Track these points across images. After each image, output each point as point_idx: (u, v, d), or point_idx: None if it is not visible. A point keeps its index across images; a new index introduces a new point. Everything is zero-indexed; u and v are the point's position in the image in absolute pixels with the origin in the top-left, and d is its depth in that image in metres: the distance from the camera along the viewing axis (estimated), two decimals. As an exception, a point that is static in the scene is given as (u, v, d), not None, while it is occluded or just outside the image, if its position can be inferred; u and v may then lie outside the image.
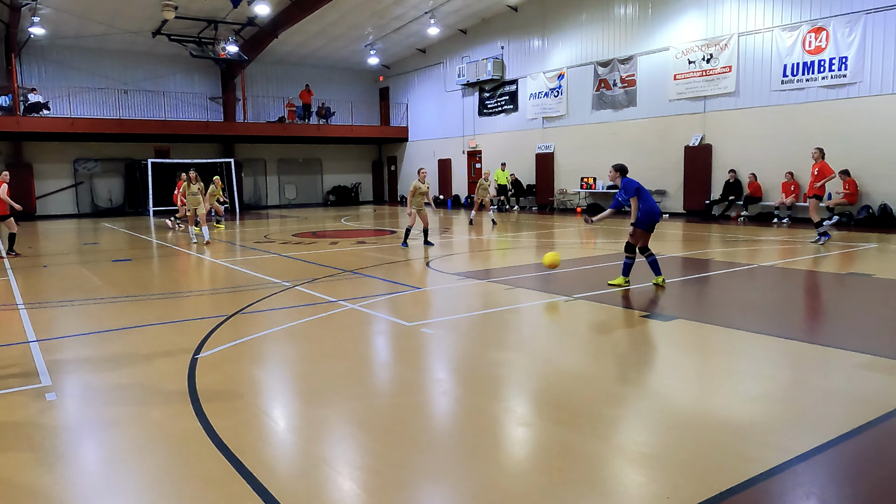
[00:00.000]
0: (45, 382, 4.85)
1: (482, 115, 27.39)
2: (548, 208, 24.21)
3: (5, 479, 3.33)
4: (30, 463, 3.53)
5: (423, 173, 12.81)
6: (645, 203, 8.27)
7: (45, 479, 3.35)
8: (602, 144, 22.21)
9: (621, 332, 6.23)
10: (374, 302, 7.66)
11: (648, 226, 8.27)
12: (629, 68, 21.10)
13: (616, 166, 8.55)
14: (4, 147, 25.15)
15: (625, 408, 4.21)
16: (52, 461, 3.57)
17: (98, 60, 26.51)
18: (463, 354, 5.63)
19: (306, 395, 4.64)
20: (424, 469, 3.37)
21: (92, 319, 7.14)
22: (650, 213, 8.25)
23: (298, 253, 12.49)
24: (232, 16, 23.49)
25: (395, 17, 25.00)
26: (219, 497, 3.10)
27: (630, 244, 8.36)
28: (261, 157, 31.01)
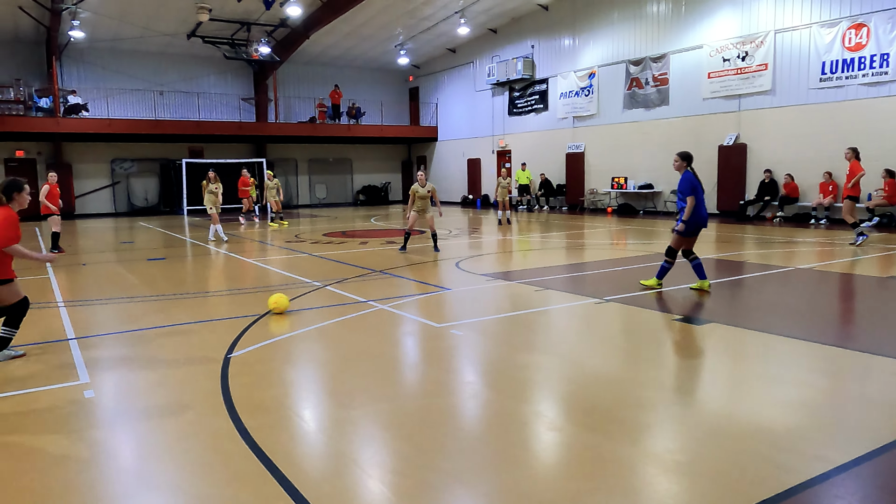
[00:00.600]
0: (84, 379, 4.97)
1: (512, 114, 27.28)
2: (578, 208, 24.02)
3: (43, 474, 3.42)
4: (67, 458, 3.62)
5: (421, 177, 12.26)
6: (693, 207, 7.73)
7: (82, 476, 3.42)
8: (633, 144, 21.96)
9: (653, 335, 6.15)
10: (404, 303, 7.68)
11: (693, 231, 7.85)
12: (662, 67, 20.82)
13: (681, 154, 7.97)
14: (45, 148, 25.83)
15: (657, 413, 4.15)
16: (89, 456, 3.65)
17: (134, 62, 27.07)
18: (492, 357, 5.61)
19: (336, 396, 4.67)
20: (452, 472, 3.37)
21: (128, 317, 7.30)
22: (698, 219, 7.79)
23: (328, 252, 12.59)
24: (265, 17, 23.78)
25: (425, 17, 25.04)
26: (250, 495, 3.14)
27: (672, 248, 8.00)
28: (292, 157, 31.34)
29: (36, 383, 4.96)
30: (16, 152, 25.17)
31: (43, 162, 25.75)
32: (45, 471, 3.48)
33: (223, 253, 13.12)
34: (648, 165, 21.49)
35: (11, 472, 3.48)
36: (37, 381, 5.01)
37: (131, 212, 27.51)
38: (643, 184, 21.60)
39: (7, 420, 4.24)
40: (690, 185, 7.69)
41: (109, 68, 26.60)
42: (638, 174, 21.87)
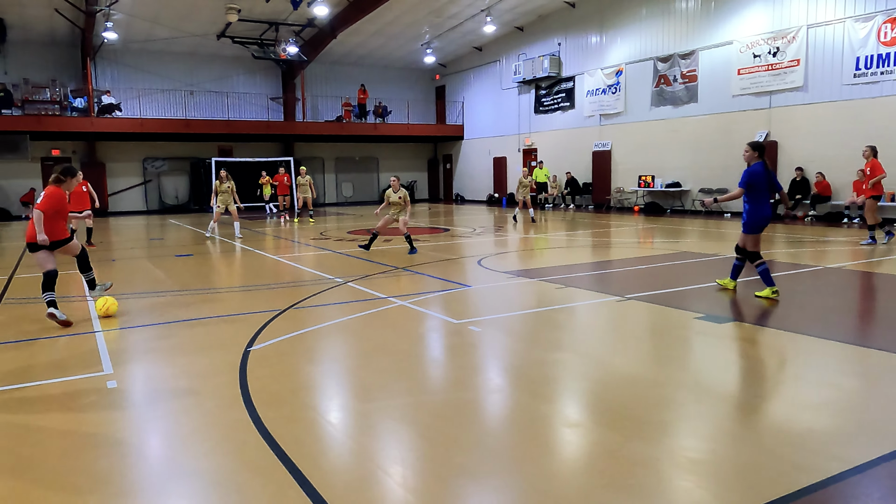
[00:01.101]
0: (108, 371, 5.08)
1: (538, 112, 27.15)
2: (604, 207, 23.81)
3: (66, 460, 3.50)
4: (89, 446, 3.70)
5: (394, 182, 12.06)
6: (755, 204, 7.27)
7: (102, 462, 3.50)
8: (661, 142, 21.70)
9: (674, 333, 6.06)
10: (424, 299, 7.69)
11: (755, 229, 7.39)
12: (690, 63, 20.53)
13: (752, 144, 7.38)
14: (80, 147, 26.46)
15: (675, 412, 4.10)
16: (111, 445, 3.73)
17: (166, 63, 27.56)
18: (510, 353, 5.60)
19: (353, 390, 4.70)
20: (467, 467, 3.36)
21: (153, 311, 7.43)
22: (759, 217, 7.32)
23: (352, 250, 12.67)
24: (292, 17, 24.02)
25: (451, 15, 25.05)
26: (262, 485, 3.18)
27: (741, 247, 7.58)
28: (319, 155, 31.62)
29: (62, 373, 5.08)
30: (52, 151, 25.82)
31: (78, 161, 26.34)
32: (67, 456, 3.57)
33: (249, 250, 13.29)
34: (676, 164, 21.22)
35: (36, 457, 3.57)
36: (63, 371, 5.13)
37: (162, 209, 28.01)
38: (671, 182, 21.33)
39: (33, 407, 4.35)
40: (745, 179, 7.19)
41: (142, 69, 27.13)
42: (665, 173, 21.60)
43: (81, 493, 3.15)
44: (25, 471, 3.42)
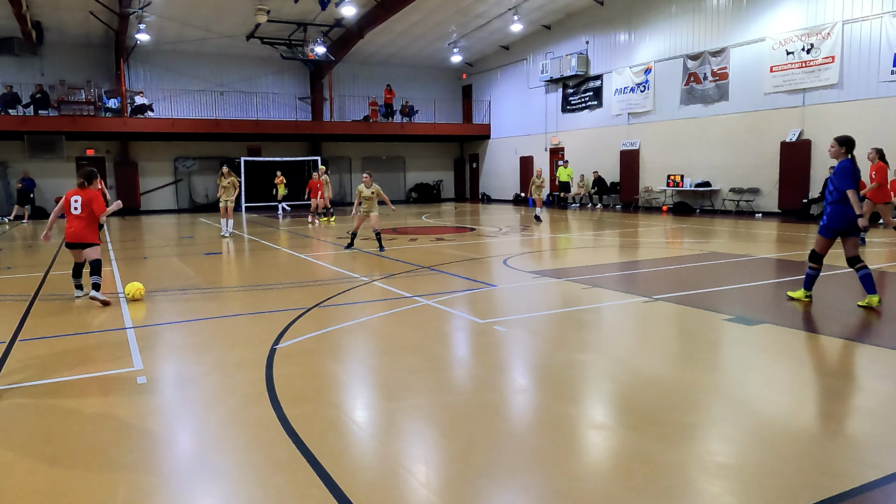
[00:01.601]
0: (137, 366, 5.17)
1: (565, 111, 26.97)
2: (632, 207, 23.56)
3: (98, 455, 3.57)
4: (119, 440, 3.77)
5: (367, 178, 12.50)
6: (844, 204, 6.62)
7: (132, 455, 3.56)
8: (690, 141, 21.40)
9: (703, 335, 5.97)
10: (449, 298, 7.69)
11: (835, 231, 6.73)
12: (721, 61, 20.20)
13: (840, 139, 6.85)
14: (113, 146, 27.00)
15: (701, 415, 4.03)
16: (140, 439, 3.79)
17: (196, 64, 27.99)
18: (535, 354, 5.56)
19: (377, 389, 4.72)
20: (490, 468, 3.35)
21: (182, 309, 7.55)
22: (848, 218, 6.61)
23: (378, 249, 12.72)
24: (320, 18, 24.20)
25: (478, 14, 25.01)
26: (286, 482, 3.20)
27: (816, 253, 6.94)
28: (346, 155, 31.81)
29: (93, 368, 5.19)
30: (86, 151, 26.39)
31: (111, 160, 26.92)
32: (98, 449, 3.64)
33: (276, 248, 13.42)
34: (706, 163, 20.91)
35: (68, 449, 3.65)
36: (94, 367, 5.24)
37: (192, 208, 28.45)
38: (700, 182, 21.02)
39: (65, 401, 4.45)
40: (850, 176, 6.57)
41: (173, 69, 27.59)
42: (695, 172, 21.30)
43: (112, 486, 3.21)
44: (58, 463, 3.49)
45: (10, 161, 25.20)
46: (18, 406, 4.40)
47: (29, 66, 25.29)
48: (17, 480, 3.31)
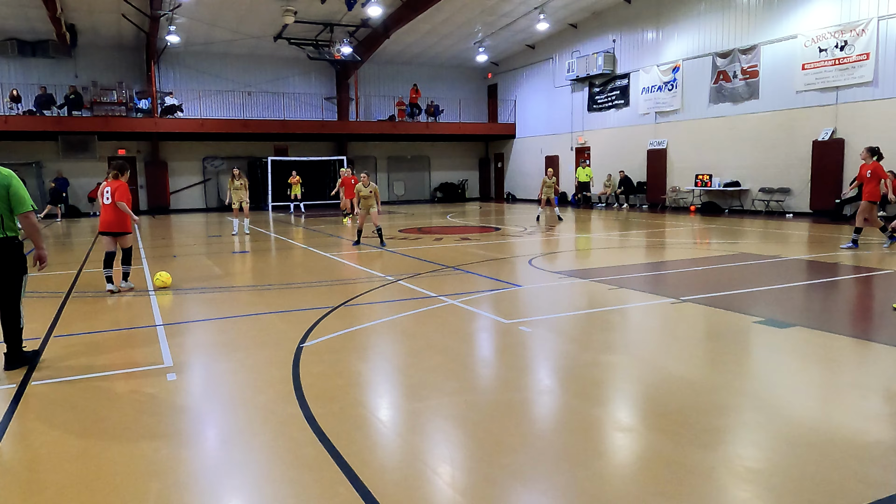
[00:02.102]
0: (168, 363, 5.26)
1: (591, 110, 26.76)
2: (659, 207, 23.30)
3: (128, 449, 3.64)
4: (150, 436, 3.84)
5: (364, 178, 13.18)
6: None
7: (162, 452, 3.62)
8: (719, 140, 21.09)
9: (732, 337, 5.88)
10: (474, 298, 7.68)
11: None
12: (751, 59, 19.87)
13: None
14: (144, 146, 27.47)
15: (730, 418, 3.97)
16: (169, 435, 3.85)
17: (225, 64, 28.35)
18: (561, 354, 5.53)
19: (403, 388, 4.73)
20: (515, 468, 3.34)
21: (211, 307, 7.66)
22: None
23: (403, 248, 12.76)
24: (347, 18, 24.35)
25: (503, 13, 24.94)
26: (313, 480, 3.23)
27: None
28: (371, 154, 31.97)
29: (124, 365, 5.29)
30: (118, 151, 26.89)
31: (142, 160, 27.39)
32: (129, 444, 3.71)
33: (303, 247, 13.53)
34: (736, 162, 20.59)
35: (93, 448, 3.72)
36: (125, 363, 5.34)
37: (220, 207, 28.82)
38: (729, 181, 20.70)
39: (97, 396, 4.54)
40: None
41: (202, 70, 27.99)
42: (724, 171, 20.98)
43: (142, 480, 3.27)
44: (91, 457, 3.56)
45: (45, 161, 25.78)
46: (52, 402, 4.51)
47: (63, 67, 25.85)
48: (53, 474, 3.39)
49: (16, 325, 5.10)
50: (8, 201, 4.93)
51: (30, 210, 5.03)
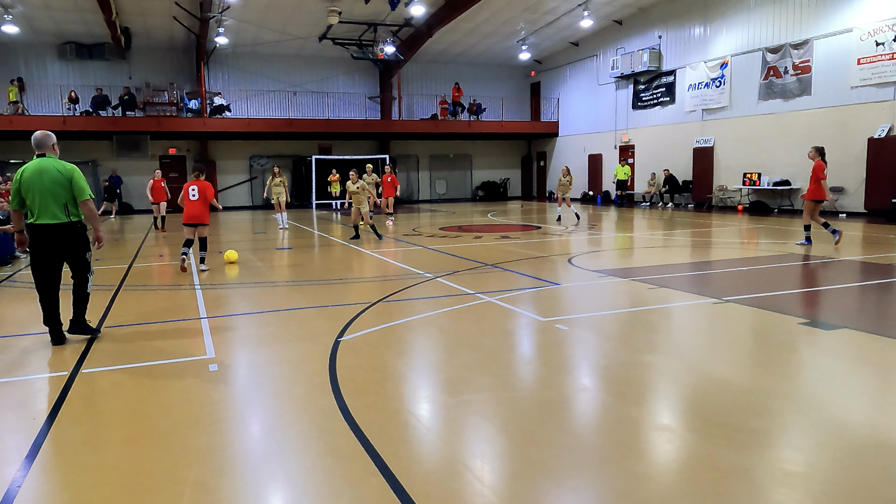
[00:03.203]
0: (210, 355, 5.41)
1: (636, 108, 26.35)
2: (705, 206, 22.80)
3: (171, 437, 3.76)
4: (190, 423, 3.96)
5: (352, 175, 14.23)
6: None
7: (200, 439, 3.73)
8: (769, 137, 20.52)
9: (776, 339, 5.73)
10: (512, 296, 7.67)
11: None
12: (803, 54, 19.26)
13: None
14: (193, 146, 28.23)
15: (771, 421, 3.87)
16: (210, 423, 3.97)
17: (271, 65, 28.91)
18: (598, 353, 5.48)
19: (437, 384, 4.77)
20: (549, 465, 3.34)
21: (253, 301, 7.84)
22: None
23: (443, 246, 12.81)
24: (390, 18, 24.54)
25: (547, 10, 24.76)
26: (346, 471, 3.29)
27: None
28: (413, 153, 32.15)
29: (169, 355, 5.46)
30: (169, 150, 27.72)
31: (191, 159, 28.15)
32: (172, 432, 3.83)
33: (344, 244, 13.71)
34: (786, 160, 20.00)
35: (137, 434, 3.86)
36: (170, 354, 5.51)
37: (266, 205, 29.38)
38: (779, 180, 20.12)
39: (143, 385, 4.71)
40: None
41: (249, 71, 28.60)
42: (774, 170, 20.41)
43: (183, 467, 3.38)
44: (136, 442, 3.70)
45: (100, 159, 26.73)
46: (102, 389, 4.69)
47: (118, 69, 26.76)
48: (100, 456, 3.53)
49: (83, 293, 5.89)
50: (71, 191, 5.68)
51: (88, 198, 5.77)
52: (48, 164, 5.68)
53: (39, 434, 3.81)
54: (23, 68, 25.55)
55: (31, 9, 21.79)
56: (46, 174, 5.63)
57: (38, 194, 5.60)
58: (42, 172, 5.63)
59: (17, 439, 3.78)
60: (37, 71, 25.90)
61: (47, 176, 5.62)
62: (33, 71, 25.82)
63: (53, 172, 5.64)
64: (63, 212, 5.64)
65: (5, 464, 3.45)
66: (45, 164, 5.69)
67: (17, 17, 21.84)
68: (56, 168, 5.68)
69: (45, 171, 5.64)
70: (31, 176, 5.63)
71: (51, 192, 5.60)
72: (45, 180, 5.61)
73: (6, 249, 11.24)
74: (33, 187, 5.62)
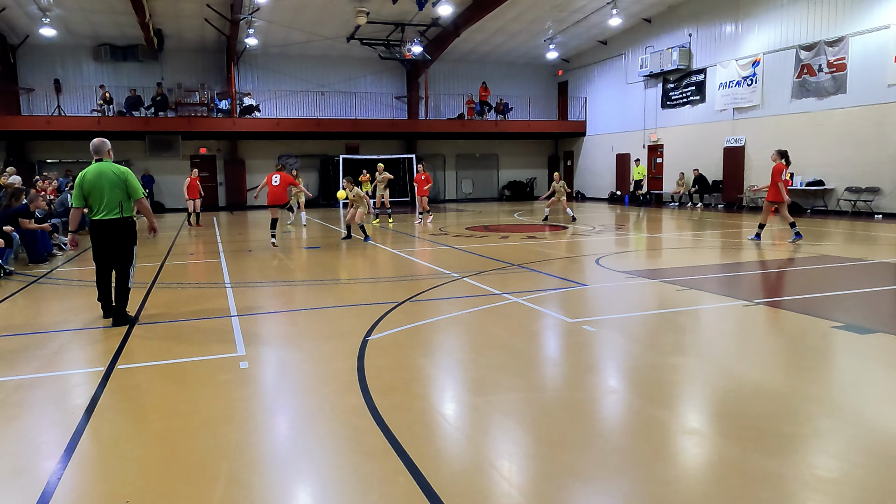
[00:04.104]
0: (241, 352, 5.50)
1: (665, 107, 26.05)
2: (735, 206, 22.46)
3: (204, 432, 3.84)
4: (222, 420, 4.04)
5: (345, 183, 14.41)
6: None
7: (232, 436, 3.80)
8: (802, 136, 20.11)
9: (808, 342, 5.63)
10: (538, 296, 7.66)
11: None
12: (838, 51, 18.86)
13: None
14: (223, 145, 28.64)
15: (803, 426, 3.82)
16: (240, 420, 4.04)
17: (300, 65, 29.19)
18: (626, 355, 5.45)
19: (464, 383, 4.79)
20: (576, 467, 3.34)
21: (283, 299, 7.94)
22: None
23: (469, 246, 12.82)
24: (417, 18, 24.60)
25: (575, 9, 24.60)
26: (374, 469, 3.33)
27: None
28: (440, 152, 32.19)
29: (201, 352, 5.57)
30: (200, 149, 28.17)
31: (221, 158, 28.57)
32: (204, 427, 3.92)
33: (372, 244, 13.81)
34: (820, 160, 19.60)
35: (171, 429, 3.95)
36: (202, 351, 5.62)
37: (295, 204, 29.69)
38: (812, 180, 19.73)
39: (175, 382, 4.81)
40: None
41: (278, 71, 28.91)
42: (807, 170, 20.01)
43: (216, 462, 3.45)
44: (170, 437, 3.79)
45: (133, 159, 27.23)
46: (136, 384, 4.80)
47: (150, 71, 27.26)
48: (134, 451, 3.62)
49: (125, 286, 6.60)
50: (126, 191, 6.51)
51: (142, 196, 6.72)
52: (106, 168, 6.48)
53: (77, 428, 3.92)
54: (59, 70, 26.18)
55: (67, 12, 22.30)
56: (105, 176, 6.41)
57: (99, 194, 6.40)
58: (101, 175, 6.41)
59: (57, 433, 3.90)
60: (73, 72, 26.52)
61: (105, 178, 6.41)
62: (69, 72, 26.44)
63: (111, 175, 6.44)
64: (118, 209, 6.46)
65: (46, 457, 3.56)
66: (103, 167, 6.48)
67: (55, 20, 22.37)
68: (113, 171, 6.48)
69: (103, 173, 6.42)
70: (92, 178, 6.40)
71: (109, 192, 6.40)
72: (104, 182, 6.40)
73: (44, 247, 11.55)
74: (95, 188, 6.40)
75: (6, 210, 11.14)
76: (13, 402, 4.42)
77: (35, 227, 11.33)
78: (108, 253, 6.60)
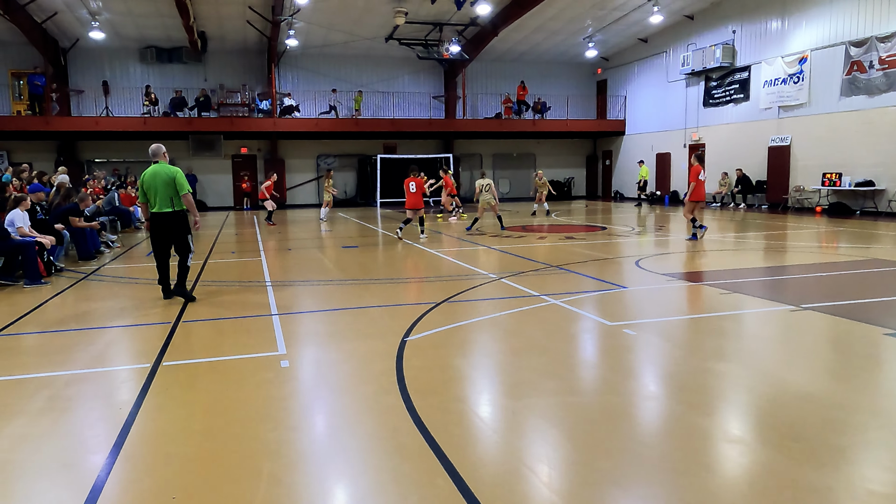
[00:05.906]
0: (281, 351, 5.58)
1: (707, 105, 25.54)
2: (780, 207, 21.89)
3: (246, 431, 3.91)
4: (264, 417, 4.10)
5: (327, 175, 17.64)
6: None
7: (272, 434, 3.86)
8: (852, 135, 19.49)
9: (859, 350, 5.46)
10: (577, 298, 7.58)
11: None
12: (891, 47, 18.21)
13: None
14: (264, 145, 29.11)
15: (853, 437, 3.70)
16: (281, 418, 4.10)
17: (339, 66, 29.47)
18: (667, 360, 5.36)
19: (502, 385, 4.77)
20: (615, 474, 3.29)
21: (322, 298, 8.03)
22: None
23: (507, 246, 12.78)
24: (456, 17, 24.60)
25: (615, 7, 24.30)
26: (413, 470, 3.34)
27: None
28: (477, 152, 32.14)
29: (242, 351, 5.66)
30: (241, 149, 28.68)
31: (262, 158, 29.05)
32: (245, 425, 3.98)
33: (409, 243, 13.87)
34: (871, 160, 18.96)
35: (215, 426, 4.03)
36: (243, 349, 5.72)
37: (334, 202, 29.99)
38: (862, 180, 19.10)
39: (218, 380, 4.90)
40: None
41: (318, 72, 29.25)
42: (856, 170, 19.39)
43: (258, 458, 3.51)
44: (212, 435, 3.87)
45: (177, 159, 27.83)
46: (181, 382, 4.91)
47: (194, 72, 27.87)
48: (180, 447, 3.71)
49: (185, 266, 7.76)
50: (175, 187, 7.51)
51: (188, 192, 7.60)
52: (160, 169, 7.55)
53: (125, 424, 4.03)
54: (107, 72, 26.95)
55: (115, 15, 22.95)
56: (158, 176, 7.51)
57: (154, 191, 7.51)
58: (156, 175, 7.52)
59: (105, 428, 4.01)
60: (120, 74, 27.28)
61: (159, 178, 7.50)
62: (117, 74, 27.20)
63: (163, 175, 7.51)
64: (170, 204, 7.53)
65: (95, 451, 3.67)
66: (158, 168, 7.55)
67: (104, 24, 23.06)
68: (165, 171, 7.53)
69: (157, 174, 7.52)
70: (149, 178, 7.54)
71: (162, 189, 7.48)
72: (158, 181, 7.49)
73: (92, 245, 11.91)
74: (151, 187, 7.52)
75: (57, 208, 11.53)
76: (65, 397, 4.57)
77: (84, 225, 11.69)
78: (166, 241, 7.69)
